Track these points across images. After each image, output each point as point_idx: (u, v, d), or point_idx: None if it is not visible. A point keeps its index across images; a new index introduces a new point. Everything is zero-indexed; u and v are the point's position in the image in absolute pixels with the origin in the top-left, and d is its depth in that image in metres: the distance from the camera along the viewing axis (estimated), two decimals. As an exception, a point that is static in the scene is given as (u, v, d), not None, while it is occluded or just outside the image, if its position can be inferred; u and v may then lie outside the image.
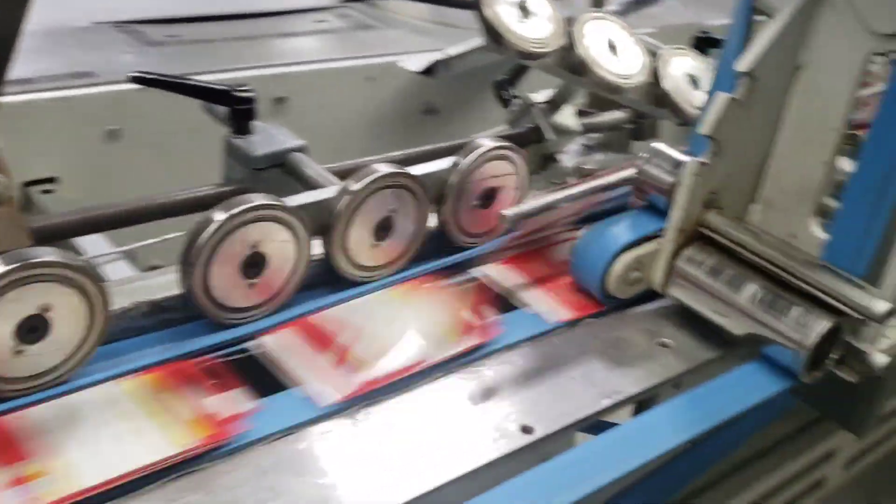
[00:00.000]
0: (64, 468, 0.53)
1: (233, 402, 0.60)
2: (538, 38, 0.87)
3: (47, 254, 0.57)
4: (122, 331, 0.65)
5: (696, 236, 0.75)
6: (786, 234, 0.75)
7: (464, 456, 0.59)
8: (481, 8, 0.86)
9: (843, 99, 0.71)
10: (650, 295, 0.78)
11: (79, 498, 0.51)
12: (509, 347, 0.70)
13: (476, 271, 0.79)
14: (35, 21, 0.68)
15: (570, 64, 0.92)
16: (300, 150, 0.81)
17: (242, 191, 0.79)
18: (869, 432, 0.86)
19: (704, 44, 1.12)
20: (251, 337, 0.67)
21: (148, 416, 0.58)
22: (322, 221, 0.70)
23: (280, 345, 0.66)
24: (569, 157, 1.03)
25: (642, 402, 0.72)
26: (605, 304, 0.76)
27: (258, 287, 0.68)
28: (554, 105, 0.99)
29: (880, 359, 0.70)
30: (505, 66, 1.25)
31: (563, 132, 0.99)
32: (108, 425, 0.57)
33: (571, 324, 0.74)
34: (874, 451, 1.15)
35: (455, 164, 0.76)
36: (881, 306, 0.65)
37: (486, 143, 0.76)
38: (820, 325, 0.68)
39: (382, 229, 0.73)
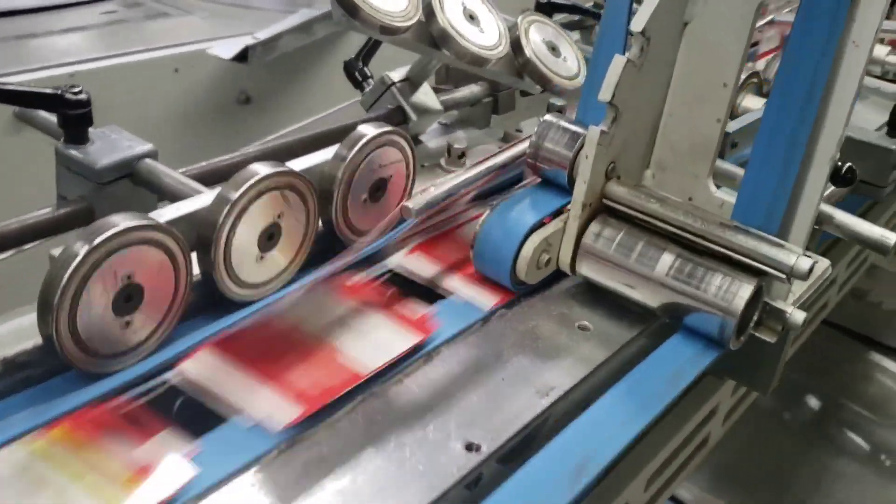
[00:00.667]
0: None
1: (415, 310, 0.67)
2: (398, 11, 0.80)
3: None
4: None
5: (599, 209, 0.71)
6: (682, 197, 0.73)
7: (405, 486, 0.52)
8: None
9: (735, 53, 0.69)
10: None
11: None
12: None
13: (388, 264, 0.73)
14: None
15: (430, 37, 0.85)
16: (150, 155, 0.69)
17: (87, 210, 0.67)
18: (774, 388, 0.86)
19: (549, 9, 1.08)
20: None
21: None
22: (198, 237, 0.60)
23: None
24: (429, 137, 0.97)
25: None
26: (514, 291, 0.71)
27: (135, 324, 0.57)
28: (412, 84, 0.91)
29: (798, 316, 0.68)
30: (331, 47, 1.16)
31: (425, 111, 0.92)
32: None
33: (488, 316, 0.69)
34: (745, 402, 1.17)
35: (341, 156, 0.67)
36: (805, 263, 0.63)
37: (370, 130, 0.68)
38: (744, 289, 0.65)
39: (269, 238, 0.64)
